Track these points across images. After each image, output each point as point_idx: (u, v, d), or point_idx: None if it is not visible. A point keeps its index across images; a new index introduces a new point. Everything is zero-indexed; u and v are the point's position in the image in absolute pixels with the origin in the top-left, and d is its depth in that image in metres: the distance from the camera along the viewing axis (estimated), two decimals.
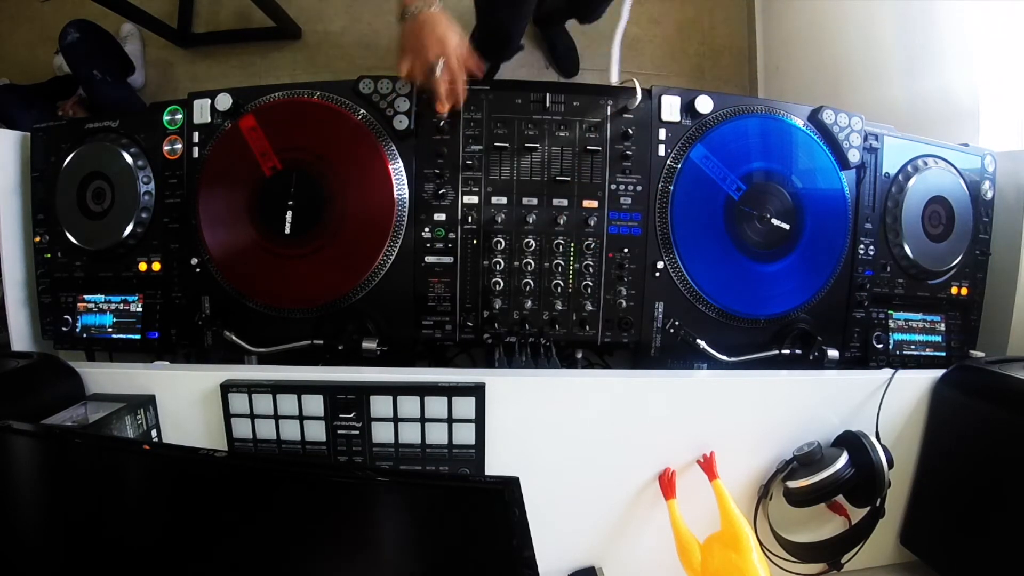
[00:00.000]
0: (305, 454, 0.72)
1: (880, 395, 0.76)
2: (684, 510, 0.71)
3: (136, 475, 0.52)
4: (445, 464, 0.72)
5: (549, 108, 0.83)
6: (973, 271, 0.95)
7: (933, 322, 0.94)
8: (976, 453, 0.73)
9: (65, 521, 0.52)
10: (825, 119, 0.86)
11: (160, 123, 0.86)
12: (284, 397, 0.70)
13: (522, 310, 0.84)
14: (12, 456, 0.52)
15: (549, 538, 0.62)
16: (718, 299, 0.85)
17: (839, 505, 0.77)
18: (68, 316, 0.89)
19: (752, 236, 0.85)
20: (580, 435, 0.73)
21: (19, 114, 1.57)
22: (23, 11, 1.90)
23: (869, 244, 0.90)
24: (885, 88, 1.30)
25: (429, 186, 0.83)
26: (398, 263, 0.82)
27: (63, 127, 0.91)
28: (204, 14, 1.90)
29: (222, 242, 0.82)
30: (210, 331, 0.84)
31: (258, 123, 0.81)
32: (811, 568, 0.78)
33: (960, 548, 0.75)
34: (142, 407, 0.70)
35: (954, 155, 0.93)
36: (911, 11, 1.24)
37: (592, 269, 0.84)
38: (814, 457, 0.72)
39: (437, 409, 0.70)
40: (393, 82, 0.81)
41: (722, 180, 0.84)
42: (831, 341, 0.86)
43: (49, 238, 0.90)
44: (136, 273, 0.87)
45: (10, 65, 1.87)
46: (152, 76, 1.89)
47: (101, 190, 0.86)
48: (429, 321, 0.84)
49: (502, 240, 0.83)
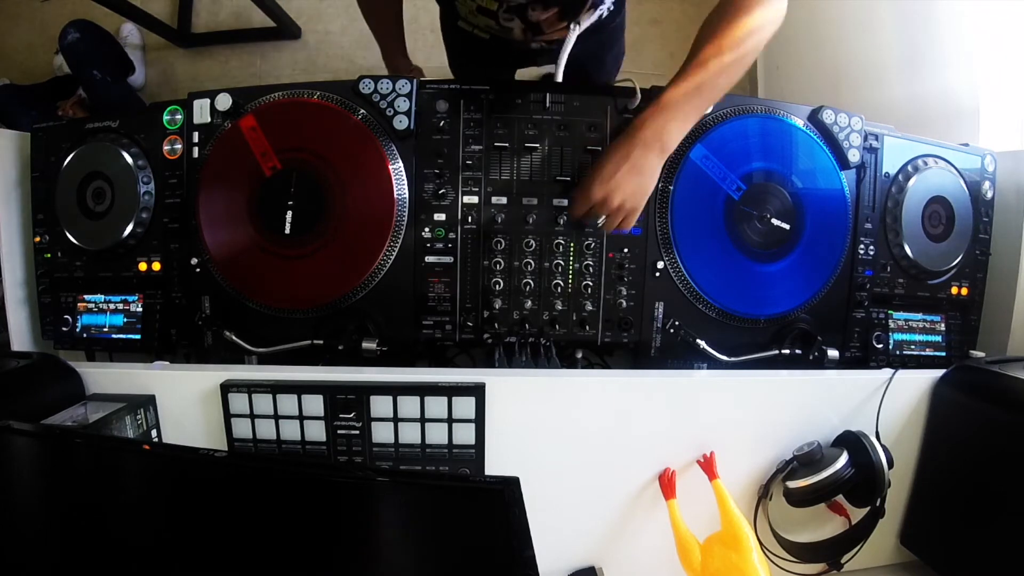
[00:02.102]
0: (305, 454, 0.72)
1: (880, 395, 0.76)
2: (684, 510, 0.71)
3: (136, 475, 0.52)
4: (445, 464, 0.72)
5: (549, 108, 0.83)
6: (973, 271, 0.95)
7: (933, 322, 0.94)
8: (976, 453, 0.73)
9: (65, 521, 0.52)
10: (825, 119, 0.86)
11: (160, 123, 0.86)
12: (284, 397, 0.70)
13: (522, 310, 0.84)
14: (12, 456, 0.52)
15: (549, 538, 0.62)
16: (718, 299, 0.85)
17: (839, 505, 0.77)
18: (68, 316, 0.89)
19: (752, 236, 0.85)
20: (580, 435, 0.73)
21: (19, 114, 1.57)
22: (23, 11, 1.90)
23: (869, 244, 0.90)
24: (885, 88, 1.30)
25: (429, 186, 0.83)
26: (398, 263, 0.82)
27: (63, 127, 0.91)
28: (204, 14, 1.90)
29: (222, 242, 0.82)
30: (210, 331, 0.84)
31: (258, 123, 0.81)
32: (811, 568, 0.78)
33: (960, 548, 0.75)
34: (142, 407, 0.70)
35: (954, 155, 0.93)
36: (911, 11, 1.24)
37: (592, 269, 0.84)
38: (814, 457, 0.72)
39: (437, 409, 0.70)
40: (393, 82, 0.81)
41: (722, 180, 0.84)
42: (831, 341, 0.86)
43: (49, 238, 0.90)
44: (136, 273, 0.87)
45: (10, 65, 1.87)
46: (152, 76, 1.89)
47: (101, 190, 0.86)
48: (429, 321, 0.84)
49: (502, 240, 0.83)
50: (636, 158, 0.72)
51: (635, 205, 0.74)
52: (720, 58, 0.70)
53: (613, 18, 0.97)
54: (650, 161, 0.72)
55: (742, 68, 0.72)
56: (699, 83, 0.71)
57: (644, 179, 0.73)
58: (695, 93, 0.71)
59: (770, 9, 0.71)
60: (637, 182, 0.73)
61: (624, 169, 0.72)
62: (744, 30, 0.70)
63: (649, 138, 0.72)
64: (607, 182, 0.72)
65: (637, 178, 0.73)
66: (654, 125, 0.71)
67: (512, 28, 0.87)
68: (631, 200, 0.73)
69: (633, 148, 0.72)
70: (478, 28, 0.91)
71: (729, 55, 0.70)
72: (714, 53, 0.70)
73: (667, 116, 0.71)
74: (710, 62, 0.70)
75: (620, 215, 0.74)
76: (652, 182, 0.74)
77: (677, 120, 0.72)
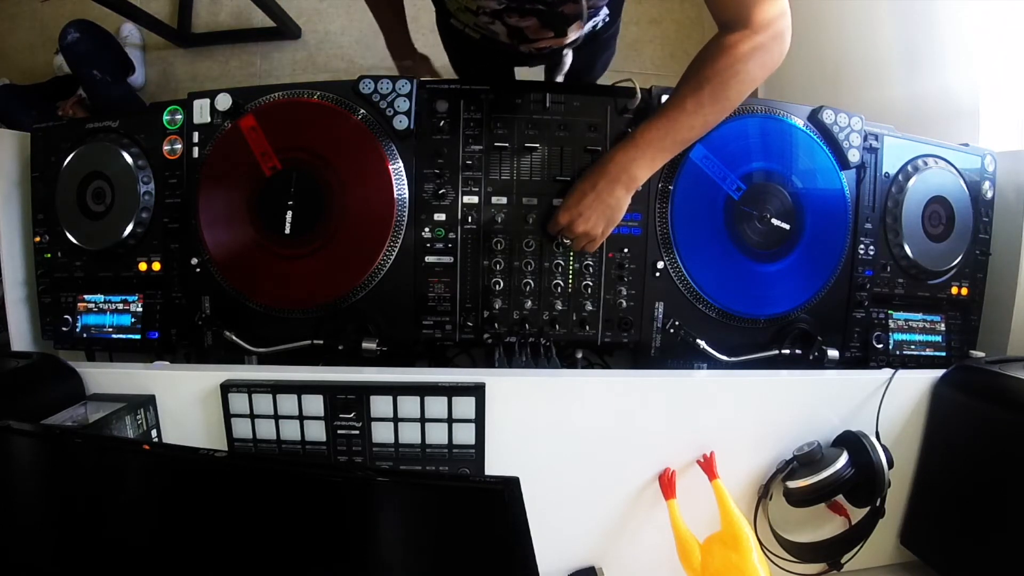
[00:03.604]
0: (305, 454, 0.72)
1: (880, 395, 0.76)
2: (684, 510, 0.71)
3: (136, 475, 0.52)
4: (445, 464, 0.72)
5: (549, 108, 0.83)
6: (973, 271, 0.95)
7: (933, 322, 0.94)
8: (976, 453, 0.73)
9: (65, 521, 0.52)
10: (825, 119, 0.86)
11: (160, 123, 0.86)
12: (284, 397, 0.70)
13: (522, 310, 0.84)
14: (12, 456, 0.52)
15: (549, 538, 0.62)
16: (718, 299, 0.85)
17: (839, 505, 0.77)
18: (68, 316, 0.89)
19: (752, 236, 0.85)
20: (580, 435, 0.73)
21: (19, 114, 1.57)
22: (23, 11, 1.91)
23: (869, 244, 0.90)
24: (885, 88, 1.30)
25: (429, 186, 0.83)
26: (398, 263, 0.82)
27: (63, 127, 0.91)
28: (204, 14, 1.90)
29: (222, 242, 0.82)
30: (210, 331, 0.83)
31: (258, 123, 0.81)
32: (811, 568, 0.78)
33: (960, 548, 0.75)
34: (142, 407, 0.70)
35: (954, 155, 0.93)
36: (911, 11, 1.24)
37: (592, 269, 0.84)
38: (814, 457, 0.72)
39: (437, 409, 0.70)
40: (393, 82, 0.81)
41: (722, 180, 0.84)
42: (831, 341, 0.86)
43: (49, 238, 0.90)
44: (136, 273, 0.87)
45: (10, 65, 1.87)
46: (152, 76, 1.89)
47: (101, 190, 0.86)
48: (429, 321, 0.84)
49: (502, 240, 0.83)
50: (600, 190, 0.75)
51: (598, 233, 0.77)
52: (698, 96, 0.70)
53: (608, 28, 0.97)
54: (615, 194, 0.75)
55: (722, 112, 0.73)
56: (673, 122, 0.72)
57: (608, 211, 0.76)
58: (669, 132, 0.72)
59: (760, 58, 0.68)
60: (601, 213, 0.76)
61: (589, 199, 0.76)
62: (727, 76, 0.69)
63: (615, 172, 0.75)
64: (571, 210, 0.77)
65: (601, 209, 0.76)
66: (623, 160, 0.74)
67: (496, 32, 0.87)
68: (593, 229, 0.77)
69: (599, 180, 0.76)
70: (468, 27, 0.91)
71: (708, 92, 0.70)
72: (692, 90, 0.71)
73: (637, 152, 0.74)
74: (687, 99, 0.71)
75: (584, 240, 0.78)
76: (619, 214, 0.77)
77: (647, 158, 0.74)
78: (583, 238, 0.78)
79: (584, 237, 0.78)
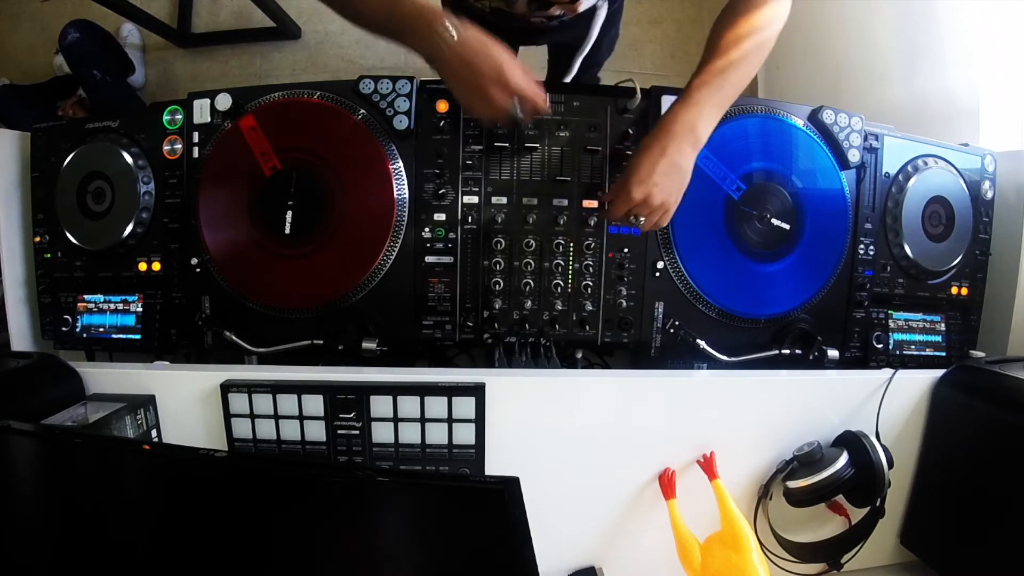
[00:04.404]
0: (305, 454, 0.72)
1: (880, 395, 0.76)
2: (684, 510, 0.71)
3: (136, 475, 0.52)
4: (445, 464, 0.72)
5: (549, 108, 0.83)
6: (973, 271, 0.95)
7: (933, 322, 0.94)
8: (976, 453, 0.73)
9: (65, 521, 0.52)
10: (825, 119, 0.86)
11: (160, 123, 0.86)
12: (284, 397, 0.70)
13: (522, 310, 0.84)
14: (12, 456, 0.52)
15: (549, 538, 0.62)
16: (718, 299, 0.85)
17: (839, 505, 0.77)
18: (68, 316, 0.89)
19: (752, 236, 0.85)
20: (580, 435, 0.73)
21: (19, 114, 1.57)
22: (23, 11, 1.90)
23: (869, 244, 0.90)
24: (885, 88, 1.30)
25: (429, 186, 0.83)
26: (398, 263, 0.82)
27: (63, 127, 0.91)
28: (204, 14, 1.90)
29: (222, 242, 0.82)
30: (210, 331, 0.83)
31: (258, 123, 0.81)
32: (811, 568, 0.78)
33: (960, 548, 0.75)
34: (142, 407, 0.70)
35: (954, 155, 0.93)
36: (911, 11, 1.24)
37: (592, 269, 0.84)
38: (814, 457, 0.72)
39: (437, 409, 0.70)
40: (393, 82, 0.81)
41: (722, 180, 0.84)
42: (831, 341, 0.86)
43: (49, 238, 0.90)
44: (136, 273, 0.87)
45: (10, 65, 1.87)
46: (152, 76, 1.89)
47: (101, 190, 0.86)
48: (429, 321, 0.84)
49: (502, 240, 0.83)
50: (671, 154, 0.70)
51: (673, 201, 0.72)
52: (740, 45, 0.71)
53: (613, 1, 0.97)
54: (685, 155, 0.71)
55: (758, 60, 0.73)
56: (722, 71, 0.71)
57: (681, 175, 0.72)
58: (720, 82, 0.71)
59: (779, 6, 0.72)
60: (675, 178, 0.71)
61: (661, 166, 0.70)
62: (759, 21, 0.71)
63: (681, 132, 0.70)
64: (645, 181, 0.70)
65: (676, 175, 0.71)
66: (685, 119, 0.70)
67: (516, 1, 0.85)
68: (669, 197, 0.71)
69: (668, 144, 0.70)
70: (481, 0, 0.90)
71: (748, 42, 0.71)
72: (733, 41, 0.71)
73: (697, 108, 0.71)
74: (730, 50, 0.71)
75: (659, 213, 0.73)
76: (688, 177, 0.72)
77: (707, 111, 0.71)
78: (658, 211, 0.72)
79: (660, 209, 0.71)
